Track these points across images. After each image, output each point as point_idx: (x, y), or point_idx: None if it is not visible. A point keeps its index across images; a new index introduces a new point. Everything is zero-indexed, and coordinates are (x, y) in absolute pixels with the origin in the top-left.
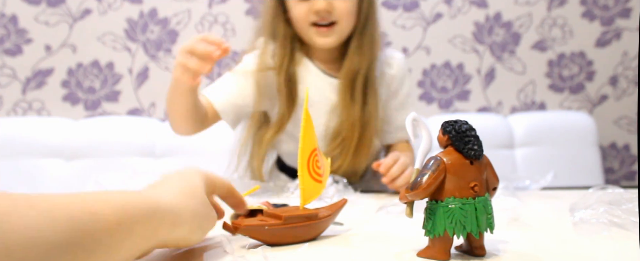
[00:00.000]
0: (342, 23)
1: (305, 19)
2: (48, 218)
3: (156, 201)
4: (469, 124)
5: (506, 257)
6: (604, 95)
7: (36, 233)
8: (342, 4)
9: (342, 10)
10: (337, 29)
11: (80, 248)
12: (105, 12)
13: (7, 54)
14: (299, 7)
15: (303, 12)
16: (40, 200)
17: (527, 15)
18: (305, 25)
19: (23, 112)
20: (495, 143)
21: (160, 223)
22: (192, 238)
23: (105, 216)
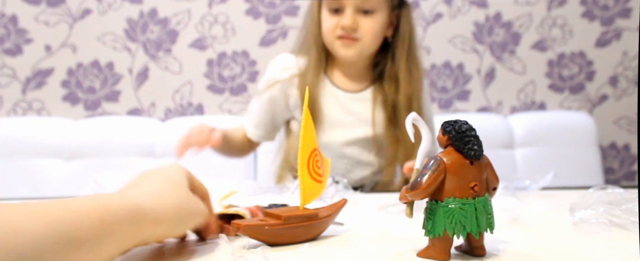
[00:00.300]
0: (365, 40)
1: (333, 32)
2: (32, 221)
3: (137, 202)
4: (469, 124)
5: (506, 257)
6: (604, 95)
7: (21, 236)
8: (366, 24)
9: (365, 29)
10: (359, 44)
11: (65, 249)
12: (105, 12)
13: (7, 54)
14: (329, 21)
15: (332, 25)
16: (23, 205)
17: (527, 15)
18: (332, 37)
19: (23, 112)
20: (495, 143)
21: (142, 223)
22: (173, 233)
23: (89, 218)
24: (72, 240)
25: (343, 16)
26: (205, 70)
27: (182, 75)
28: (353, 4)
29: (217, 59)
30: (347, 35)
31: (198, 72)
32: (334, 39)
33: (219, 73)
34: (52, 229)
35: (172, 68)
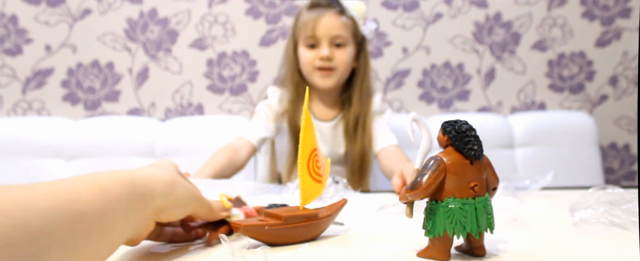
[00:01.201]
0: (340, 69)
1: (312, 64)
2: (38, 197)
3: (130, 175)
4: (469, 124)
5: (506, 257)
6: (604, 95)
7: (30, 212)
8: (340, 55)
9: (339, 59)
10: (336, 73)
11: (70, 222)
12: (105, 12)
13: (7, 54)
14: (308, 54)
15: (310, 57)
16: (28, 185)
17: (527, 15)
18: (311, 69)
19: (23, 112)
20: (495, 143)
21: (139, 195)
22: (172, 211)
23: (89, 190)
24: (75, 212)
25: (320, 49)
26: (205, 70)
27: (182, 75)
28: (328, 38)
29: (217, 59)
30: (325, 65)
31: (198, 72)
32: (313, 70)
33: (219, 73)
34: (56, 203)
35: (172, 68)
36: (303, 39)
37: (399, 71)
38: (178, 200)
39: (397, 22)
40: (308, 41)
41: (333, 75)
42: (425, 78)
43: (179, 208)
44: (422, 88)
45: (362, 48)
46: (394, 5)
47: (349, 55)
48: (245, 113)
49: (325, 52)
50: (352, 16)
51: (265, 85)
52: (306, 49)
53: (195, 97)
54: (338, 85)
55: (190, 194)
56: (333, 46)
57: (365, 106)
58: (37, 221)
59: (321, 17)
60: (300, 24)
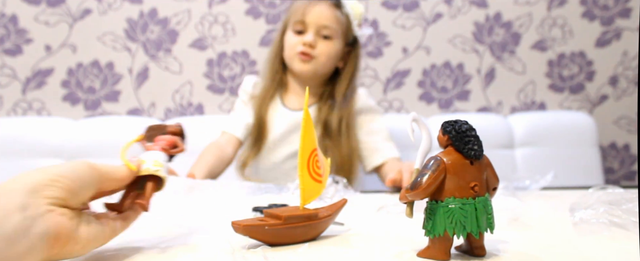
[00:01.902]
0: (320, 59)
1: (294, 48)
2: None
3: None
4: (469, 124)
5: (506, 257)
6: (604, 95)
7: None
8: (323, 46)
9: (322, 50)
10: (315, 62)
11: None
12: (105, 12)
13: (7, 54)
14: (293, 39)
15: (294, 42)
16: None
17: (527, 15)
18: (293, 53)
19: (23, 112)
20: (495, 143)
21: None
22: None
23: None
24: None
25: (305, 35)
26: (205, 70)
27: (182, 75)
28: (315, 26)
29: (217, 58)
30: (306, 51)
31: (198, 72)
32: (295, 54)
33: (219, 73)
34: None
35: (172, 68)
36: (292, 23)
37: (398, 71)
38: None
39: (397, 22)
40: (296, 26)
41: (312, 62)
42: (425, 78)
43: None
44: (422, 88)
45: (352, 50)
46: (394, 5)
47: (333, 49)
48: None
49: (309, 38)
50: (347, 14)
51: None
52: (293, 33)
53: (195, 97)
54: (316, 77)
55: (72, 165)
56: (319, 36)
57: (349, 110)
58: None
59: (314, 5)
60: (293, 9)
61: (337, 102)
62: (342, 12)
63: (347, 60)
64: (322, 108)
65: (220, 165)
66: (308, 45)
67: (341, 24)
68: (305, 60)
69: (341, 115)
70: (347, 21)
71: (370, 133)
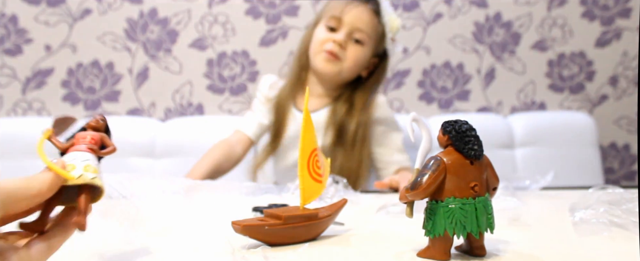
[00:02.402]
0: (346, 63)
1: (323, 44)
2: None
3: None
4: (469, 124)
5: (506, 257)
6: (604, 95)
7: None
8: (353, 50)
9: (351, 54)
10: (340, 64)
11: None
12: (105, 12)
13: (7, 54)
14: (323, 34)
15: (324, 37)
16: None
17: (527, 15)
18: (319, 49)
19: (23, 112)
20: (495, 143)
21: None
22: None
23: None
24: None
25: (337, 34)
26: (205, 70)
27: (182, 75)
28: (350, 27)
29: (217, 58)
30: (334, 51)
31: (198, 72)
32: (321, 50)
33: (219, 73)
34: None
35: (172, 68)
36: (326, 18)
37: (399, 71)
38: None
39: None
40: (330, 22)
41: (337, 64)
42: (425, 78)
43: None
44: (422, 88)
45: (380, 62)
46: (394, 5)
47: (362, 55)
48: (245, 113)
49: (340, 37)
50: (384, 24)
51: None
52: (325, 29)
53: (195, 97)
54: (338, 79)
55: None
56: (351, 39)
57: (367, 117)
58: None
59: (354, 5)
60: (331, 4)
61: (356, 110)
62: (380, 21)
63: (372, 71)
64: (337, 111)
65: (227, 163)
66: (338, 45)
67: (376, 31)
68: (331, 59)
69: (358, 123)
70: (383, 31)
71: (383, 145)
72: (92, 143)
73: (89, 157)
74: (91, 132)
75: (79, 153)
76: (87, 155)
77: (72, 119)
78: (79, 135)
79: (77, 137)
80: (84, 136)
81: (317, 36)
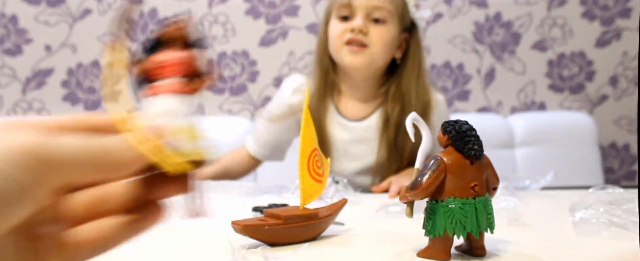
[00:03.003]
0: (374, 48)
1: (341, 37)
2: None
3: None
4: (469, 124)
5: (506, 257)
6: (604, 95)
7: None
8: (376, 31)
9: (375, 36)
10: (368, 52)
11: None
12: (105, 12)
13: (7, 54)
14: (338, 26)
15: (340, 30)
16: None
17: (527, 15)
18: (340, 44)
19: (23, 112)
20: (495, 143)
21: None
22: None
23: None
24: None
25: (353, 20)
26: None
27: None
28: (365, 9)
29: (217, 58)
30: (356, 38)
31: None
32: (342, 45)
33: (219, 73)
34: None
35: None
36: (336, 9)
37: None
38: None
39: None
40: (341, 11)
41: (365, 52)
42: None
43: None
44: None
45: (410, 36)
46: None
47: (388, 35)
48: (245, 113)
49: (358, 22)
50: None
51: (265, 85)
52: (338, 20)
53: None
54: (372, 70)
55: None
56: (370, 20)
57: (424, 108)
58: None
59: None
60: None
61: (411, 104)
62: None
63: (406, 49)
64: (394, 109)
65: (225, 176)
66: (358, 31)
67: (396, 4)
68: (356, 50)
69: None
70: (403, 2)
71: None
72: (179, 74)
73: (181, 108)
74: (172, 52)
75: (166, 101)
76: (177, 103)
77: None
78: (155, 60)
79: (153, 63)
80: (164, 63)
81: (332, 31)
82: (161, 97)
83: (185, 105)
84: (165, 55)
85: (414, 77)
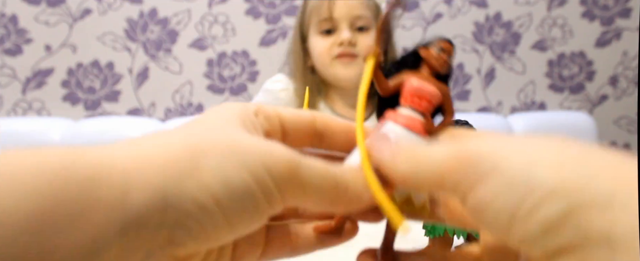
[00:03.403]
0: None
1: (330, 52)
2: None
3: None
4: (469, 124)
5: None
6: (604, 95)
7: None
8: (364, 40)
9: (363, 44)
10: (360, 61)
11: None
12: (105, 12)
13: (7, 54)
14: (323, 42)
15: (327, 46)
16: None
17: (527, 15)
18: (329, 60)
19: (23, 112)
20: None
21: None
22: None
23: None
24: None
25: (338, 33)
26: (205, 70)
27: (182, 75)
28: (348, 20)
29: (217, 59)
30: (347, 51)
31: (198, 72)
32: (332, 59)
33: (219, 73)
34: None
35: (172, 68)
36: (315, 24)
37: None
38: (210, 197)
39: (397, 22)
40: (323, 26)
41: (357, 62)
42: None
43: (217, 217)
44: None
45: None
46: None
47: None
48: None
49: (346, 35)
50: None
51: None
52: (320, 36)
53: (195, 97)
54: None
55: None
56: (354, 30)
57: None
58: None
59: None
60: (311, 8)
61: None
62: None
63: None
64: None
65: None
66: (347, 44)
67: (372, 10)
68: (348, 62)
69: None
70: (376, 6)
71: None
72: (426, 111)
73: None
74: (430, 85)
75: (405, 136)
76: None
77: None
78: (413, 84)
79: (411, 87)
80: (418, 91)
81: (317, 48)
82: (400, 128)
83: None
84: (423, 84)
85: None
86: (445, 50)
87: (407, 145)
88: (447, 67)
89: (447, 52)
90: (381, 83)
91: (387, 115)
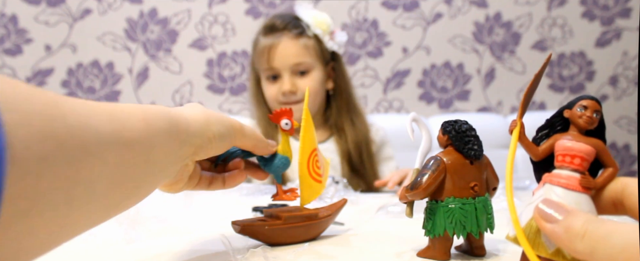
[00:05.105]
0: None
1: (276, 98)
2: (95, 118)
3: (166, 110)
4: (469, 124)
5: (506, 257)
6: (604, 95)
7: (88, 133)
8: (304, 83)
9: (304, 88)
10: (302, 104)
11: (119, 148)
12: (105, 12)
13: (7, 54)
14: (271, 89)
15: (274, 92)
16: (85, 103)
17: (527, 15)
18: (276, 104)
19: None
20: (495, 143)
21: (176, 130)
22: (212, 145)
23: (135, 118)
24: (126, 140)
25: (281, 82)
26: (205, 70)
27: (182, 75)
28: (288, 68)
29: (217, 58)
30: (289, 100)
31: (198, 72)
32: (278, 105)
33: (219, 73)
34: (111, 127)
35: (172, 68)
36: (262, 71)
37: (399, 71)
38: (214, 135)
39: (397, 22)
40: (268, 73)
41: (301, 106)
42: (425, 78)
43: (214, 143)
44: (422, 88)
45: (336, 65)
46: (394, 5)
47: (316, 82)
48: (245, 113)
49: (286, 87)
50: (315, 34)
51: None
52: (268, 82)
53: (195, 97)
54: (312, 113)
55: (228, 127)
56: (296, 75)
57: (361, 132)
58: (94, 144)
59: (277, 45)
60: (256, 54)
61: (346, 129)
62: (309, 37)
63: (335, 77)
64: (342, 138)
65: None
66: (289, 93)
67: (313, 50)
68: (292, 106)
69: (356, 140)
70: (318, 43)
71: (382, 161)
72: (581, 168)
73: (582, 208)
74: (577, 143)
75: (567, 197)
76: (577, 203)
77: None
78: (561, 148)
79: (559, 152)
80: (570, 151)
81: (267, 93)
82: (559, 189)
83: (583, 205)
84: (574, 144)
85: (344, 105)
86: (588, 107)
87: (578, 215)
88: (594, 123)
89: (591, 109)
90: (531, 149)
91: (544, 178)
